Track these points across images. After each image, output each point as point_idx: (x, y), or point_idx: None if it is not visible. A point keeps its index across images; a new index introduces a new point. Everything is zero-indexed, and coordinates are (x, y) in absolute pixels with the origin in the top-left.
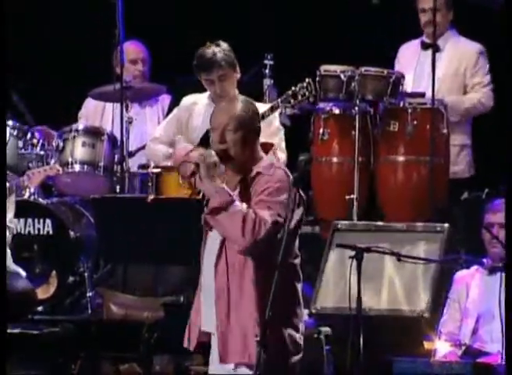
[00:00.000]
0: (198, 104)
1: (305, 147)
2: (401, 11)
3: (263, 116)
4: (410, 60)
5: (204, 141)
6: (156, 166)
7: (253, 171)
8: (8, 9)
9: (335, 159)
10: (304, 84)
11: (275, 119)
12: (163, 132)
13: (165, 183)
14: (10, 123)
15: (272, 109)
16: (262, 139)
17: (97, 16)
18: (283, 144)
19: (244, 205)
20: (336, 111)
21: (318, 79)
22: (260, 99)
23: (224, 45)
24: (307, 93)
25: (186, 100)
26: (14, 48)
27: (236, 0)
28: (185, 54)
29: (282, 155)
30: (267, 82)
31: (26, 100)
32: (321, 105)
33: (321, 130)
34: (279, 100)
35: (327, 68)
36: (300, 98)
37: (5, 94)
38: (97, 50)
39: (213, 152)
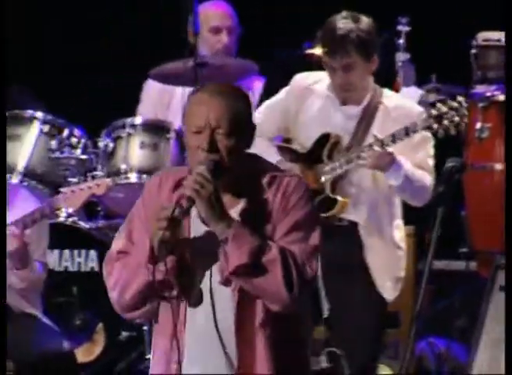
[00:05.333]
0: (316, 89)
1: (455, 149)
2: None
3: (382, 144)
4: None
5: (317, 149)
6: None
7: (260, 177)
8: None
9: (498, 166)
10: (454, 104)
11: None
12: (264, 119)
13: None
14: (39, 114)
15: (395, 138)
16: (400, 154)
17: None
18: (431, 162)
19: (274, 246)
20: (501, 97)
21: (473, 52)
22: (391, 80)
23: (365, 23)
24: (456, 118)
25: (302, 79)
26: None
27: None
28: (285, 18)
29: (426, 178)
30: (400, 57)
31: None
32: (479, 88)
33: (478, 125)
34: (417, 123)
35: (487, 36)
36: (446, 123)
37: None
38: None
39: (204, 170)
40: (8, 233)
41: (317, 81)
